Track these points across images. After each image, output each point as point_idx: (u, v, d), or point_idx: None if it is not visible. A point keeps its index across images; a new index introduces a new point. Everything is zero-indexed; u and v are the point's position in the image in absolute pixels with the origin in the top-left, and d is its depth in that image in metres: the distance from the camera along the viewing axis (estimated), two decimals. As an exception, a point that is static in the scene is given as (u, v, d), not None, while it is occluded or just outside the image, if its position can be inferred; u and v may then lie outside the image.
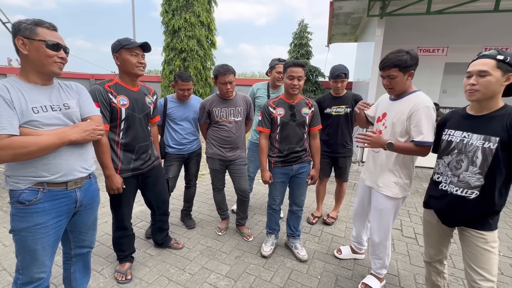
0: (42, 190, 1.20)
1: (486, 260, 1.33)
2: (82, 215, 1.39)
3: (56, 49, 1.20)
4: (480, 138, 1.27)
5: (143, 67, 1.76)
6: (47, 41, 1.17)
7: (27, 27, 1.15)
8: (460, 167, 1.34)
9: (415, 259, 2.28)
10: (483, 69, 1.22)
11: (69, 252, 1.47)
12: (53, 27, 1.22)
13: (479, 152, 1.27)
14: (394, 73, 1.57)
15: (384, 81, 1.65)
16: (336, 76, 2.45)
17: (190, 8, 9.19)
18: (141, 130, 1.84)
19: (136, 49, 1.69)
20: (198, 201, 3.31)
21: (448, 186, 1.39)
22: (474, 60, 1.29)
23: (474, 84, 1.24)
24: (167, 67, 9.66)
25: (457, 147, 1.36)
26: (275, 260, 2.23)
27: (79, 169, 1.29)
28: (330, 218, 2.86)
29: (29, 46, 1.16)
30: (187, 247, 2.38)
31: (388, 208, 1.75)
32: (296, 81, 1.94)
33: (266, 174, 2.10)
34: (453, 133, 1.39)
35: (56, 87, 1.29)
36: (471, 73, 1.26)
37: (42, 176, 1.19)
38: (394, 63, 1.55)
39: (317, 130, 2.14)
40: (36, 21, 1.18)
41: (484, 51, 1.27)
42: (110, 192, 1.76)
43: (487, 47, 5.65)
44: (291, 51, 8.84)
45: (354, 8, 5.70)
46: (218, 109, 2.30)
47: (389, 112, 1.71)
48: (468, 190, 1.31)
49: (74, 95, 1.34)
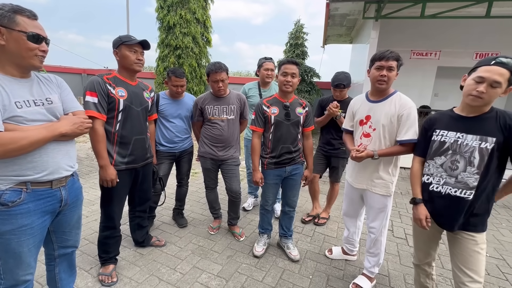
0: (26, 190, 1.14)
1: (475, 261, 1.34)
2: (66, 214, 1.34)
3: (38, 41, 1.12)
4: (476, 139, 1.28)
5: (141, 63, 1.78)
6: (28, 33, 1.08)
7: (5, 15, 1.05)
8: (457, 168, 1.34)
9: (405, 259, 2.31)
10: (498, 80, 1.18)
11: (52, 253, 1.40)
12: (33, 16, 1.13)
13: (476, 153, 1.28)
14: (394, 65, 1.63)
15: (383, 71, 1.63)
16: (336, 86, 2.48)
17: (186, 5, 9.07)
18: (138, 124, 1.82)
19: (136, 46, 1.71)
20: (190, 199, 3.28)
21: (441, 187, 1.39)
22: (489, 64, 1.21)
23: (484, 92, 1.21)
24: (161, 64, 9.52)
25: (451, 148, 1.36)
26: (267, 260, 2.22)
27: (65, 167, 1.25)
28: (321, 218, 2.87)
29: (6, 36, 1.06)
30: (178, 246, 2.36)
31: (386, 205, 1.80)
32: (289, 77, 1.94)
33: (257, 175, 2.08)
34: (446, 134, 1.38)
35: (36, 80, 1.22)
36: (484, 80, 1.21)
37: (26, 175, 1.13)
38: (397, 57, 1.63)
39: (310, 130, 2.14)
40: (15, 8, 1.08)
41: (501, 57, 1.20)
42: (103, 185, 1.73)
43: (478, 52, 5.78)
44: (287, 51, 8.82)
45: (350, 10, 5.74)
46: (210, 106, 2.28)
47: (374, 114, 1.73)
48: (467, 191, 1.32)
49: (55, 89, 1.28)
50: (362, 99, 1.84)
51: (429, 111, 5.32)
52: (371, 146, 1.73)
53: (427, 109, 5.38)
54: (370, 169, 1.78)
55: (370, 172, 1.78)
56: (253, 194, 3.20)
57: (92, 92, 1.61)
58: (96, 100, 1.62)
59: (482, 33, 5.64)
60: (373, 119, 1.73)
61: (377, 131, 1.71)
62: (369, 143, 1.75)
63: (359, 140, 1.82)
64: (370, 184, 1.80)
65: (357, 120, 1.83)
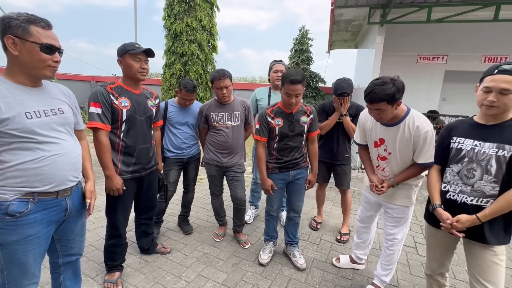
0: (33, 201, 1.14)
1: (494, 273, 1.30)
2: (70, 222, 1.33)
3: (51, 52, 1.12)
4: (493, 147, 1.25)
5: (145, 72, 1.77)
6: (41, 44, 1.08)
7: (19, 25, 1.04)
8: (473, 176, 1.30)
9: (415, 269, 2.25)
10: (506, 87, 1.17)
11: (56, 262, 1.40)
12: (48, 26, 1.13)
13: (493, 161, 1.25)
14: (382, 106, 1.47)
15: (372, 113, 1.56)
16: (339, 94, 2.38)
17: (192, 13, 9.24)
18: (142, 133, 1.83)
19: (140, 54, 1.71)
20: (196, 206, 3.28)
21: (457, 196, 1.35)
22: (493, 73, 1.21)
23: (495, 101, 1.20)
24: (168, 71, 9.67)
25: (467, 155, 1.32)
26: (273, 268, 2.19)
27: (71, 178, 1.25)
28: (344, 235, 2.66)
29: (20, 47, 1.06)
30: (183, 253, 2.34)
31: (409, 215, 1.78)
32: (293, 98, 1.87)
33: (267, 182, 2.05)
34: (463, 141, 1.36)
35: (47, 89, 1.23)
36: (491, 89, 1.21)
37: (33, 186, 1.13)
38: (382, 98, 1.44)
39: (315, 135, 2.12)
40: (30, 18, 1.07)
41: (503, 64, 1.20)
42: (109, 193, 1.74)
43: (486, 56, 5.70)
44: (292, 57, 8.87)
45: (355, 16, 5.74)
46: (215, 113, 2.29)
47: (388, 138, 1.65)
48: (484, 199, 1.28)
49: (65, 99, 1.30)
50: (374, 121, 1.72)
51: (437, 115, 5.23)
52: (389, 168, 1.72)
53: (435, 114, 5.29)
54: None
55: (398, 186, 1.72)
56: (254, 205, 3.12)
57: (96, 103, 1.63)
58: (100, 111, 1.63)
59: (491, 37, 5.57)
60: (387, 143, 1.66)
61: (393, 154, 1.66)
62: (386, 165, 1.73)
63: (376, 161, 1.78)
64: (390, 198, 1.76)
65: (371, 141, 1.77)
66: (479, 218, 1.26)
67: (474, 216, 1.27)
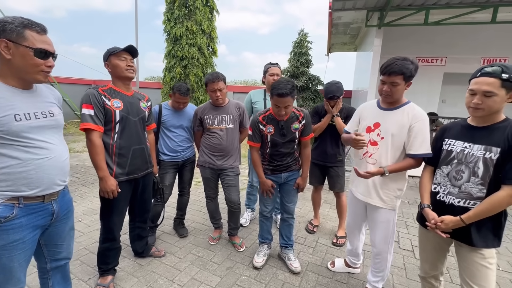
0: (18, 205, 1.12)
1: (483, 276, 1.29)
2: (57, 226, 1.31)
3: (45, 57, 1.12)
4: (481, 149, 1.25)
5: (132, 69, 1.79)
6: (35, 49, 1.08)
7: (14, 29, 1.04)
8: (461, 178, 1.31)
9: (411, 273, 2.22)
10: (488, 89, 1.18)
11: (44, 267, 1.37)
12: (43, 30, 1.13)
13: (480, 163, 1.25)
14: (398, 80, 1.50)
15: (385, 86, 1.56)
16: (330, 98, 2.39)
17: (192, 17, 9.31)
18: (136, 133, 1.83)
19: (123, 53, 1.74)
20: (192, 209, 3.27)
21: (445, 197, 1.36)
22: (476, 76, 1.23)
23: (479, 103, 1.21)
24: (168, 74, 9.72)
25: (457, 157, 1.33)
26: (267, 272, 2.17)
27: (59, 182, 1.24)
28: (340, 238, 2.63)
29: (13, 51, 1.06)
30: (178, 256, 2.33)
31: (390, 220, 1.71)
32: (283, 110, 1.85)
33: (267, 183, 2.06)
34: (453, 143, 1.37)
35: (37, 92, 1.22)
36: (475, 92, 1.22)
37: (20, 190, 1.11)
38: (401, 70, 1.48)
39: (308, 139, 2.10)
40: (25, 23, 1.07)
41: (486, 67, 1.21)
42: (104, 196, 1.72)
43: (485, 58, 5.68)
44: (291, 60, 8.88)
45: (353, 18, 5.76)
46: (209, 116, 2.29)
47: (384, 122, 1.65)
48: (471, 201, 1.28)
49: (55, 101, 1.30)
50: (373, 105, 1.75)
51: (437, 117, 5.21)
52: (377, 155, 1.67)
53: (435, 116, 5.27)
54: (377, 181, 1.69)
55: (374, 184, 1.70)
56: (250, 208, 3.10)
57: (88, 104, 1.63)
58: (92, 112, 1.63)
59: (490, 39, 5.56)
60: (382, 127, 1.64)
61: (385, 140, 1.63)
62: (375, 151, 1.67)
63: (365, 148, 1.74)
64: (373, 197, 1.72)
65: (364, 126, 1.75)
66: (463, 220, 1.26)
67: (458, 218, 1.27)
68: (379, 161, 1.66)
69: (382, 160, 1.64)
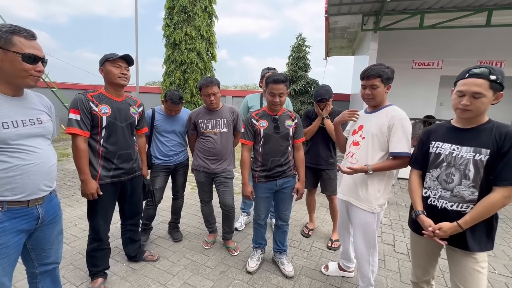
0: (1, 210, 1.12)
1: (475, 281, 1.27)
2: (44, 231, 1.31)
3: (33, 62, 1.14)
4: (470, 151, 1.25)
5: (125, 77, 1.82)
6: (23, 54, 1.10)
7: (2, 36, 1.07)
8: (452, 181, 1.29)
9: (406, 276, 2.20)
10: (477, 90, 1.18)
11: (33, 271, 1.37)
12: (32, 36, 1.15)
13: (470, 165, 1.24)
14: (376, 82, 1.60)
15: (366, 91, 1.66)
16: (318, 100, 2.43)
17: (191, 22, 9.42)
18: (123, 139, 1.86)
19: (119, 61, 1.78)
20: (188, 213, 3.27)
21: (437, 201, 1.34)
22: (464, 77, 1.24)
23: (468, 104, 1.21)
24: (167, 79, 9.81)
25: (446, 160, 1.32)
26: (260, 276, 2.16)
27: (44, 188, 1.25)
28: (334, 242, 2.62)
29: (2, 57, 1.08)
30: (171, 261, 2.32)
31: (369, 222, 1.69)
32: (277, 98, 1.92)
33: (247, 188, 2.06)
34: (441, 146, 1.35)
35: (27, 99, 1.25)
36: (464, 93, 1.23)
37: (3, 195, 1.12)
38: (378, 73, 1.59)
39: (300, 142, 2.12)
40: (13, 29, 1.10)
41: (474, 68, 1.22)
42: (85, 197, 1.76)
43: (482, 60, 5.70)
44: (289, 64, 8.92)
45: (349, 23, 5.82)
46: (203, 120, 2.30)
47: (366, 124, 1.72)
48: (464, 205, 1.27)
49: (45, 109, 1.33)
50: (361, 112, 1.83)
51: (434, 120, 5.21)
52: (358, 154, 1.70)
53: (431, 119, 5.28)
54: (358, 180, 1.72)
55: (356, 183, 1.72)
56: (246, 212, 3.10)
57: (75, 109, 1.68)
58: (78, 117, 1.67)
59: (486, 42, 5.59)
60: (365, 128, 1.71)
61: (366, 139, 1.68)
62: (356, 151, 1.72)
63: (348, 148, 1.82)
64: (353, 196, 1.74)
65: (351, 130, 1.83)
66: (460, 225, 1.24)
67: (455, 223, 1.25)
68: (360, 161, 1.69)
69: (363, 160, 1.67)
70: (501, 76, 1.18)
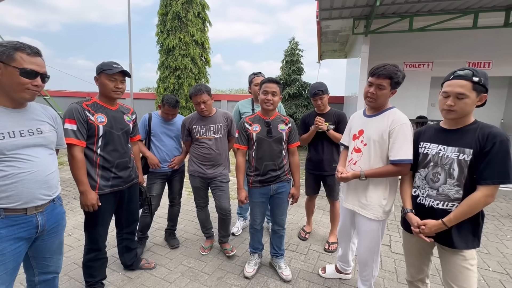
0: None
1: (465, 278, 1.31)
2: (46, 240, 1.32)
3: (31, 77, 1.17)
4: (455, 151, 1.29)
5: (120, 91, 1.81)
6: (21, 69, 1.14)
7: (5, 52, 1.13)
8: (438, 180, 1.34)
9: (402, 276, 2.22)
10: (461, 91, 1.23)
11: (32, 280, 1.37)
12: (35, 53, 1.19)
13: (455, 164, 1.29)
14: (385, 83, 1.52)
15: (371, 89, 1.57)
16: (314, 94, 2.44)
17: (185, 28, 9.47)
18: (120, 147, 1.85)
19: (115, 74, 1.75)
20: (184, 219, 3.25)
21: (425, 200, 1.39)
22: (449, 79, 1.28)
23: (452, 105, 1.26)
24: (161, 85, 9.80)
25: (433, 160, 1.37)
26: (258, 281, 2.16)
27: (41, 196, 1.25)
28: (331, 244, 2.63)
29: (2, 71, 1.13)
30: (168, 268, 2.31)
31: (375, 230, 1.69)
32: (270, 96, 1.94)
33: (242, 193, 2.06)
34: (428, 146, 1.41)
35: (29, 111, 1.27)
36: (448, 94, 1.27)
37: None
38: (390, 74, 1.51)
39: (295, 146, 2.13)
40: (18, 46, 1.15)
41: (459, 70, 1.27)
42: (84, 209, 1.73)
43: (470, 61, 5.83)
44: (283, 68, 9.01)
45: (341, 27, 5.91)
46: (197, 126, 2.31)
47: (367, 129, 1.67)
48: (449, 203, 1.31)
49: (48, 120, 1.34)
50: (360, 114, 1.79)
51: (426, 121, 5.30)
52: (361, 162, 1.67)
53: (424, 119, 5.36)
54: (360, 188, 1.70)
55: (360, 192, 1.70)
56: (242, 216, 3.09)
57: (71, 119, 1.66)
58: (75, 127, 1.65)
59: (474, 43, 5.73)
60: (365, 134, 1.66)
61: (368, 146, 1.64)
62: (359, 158, 1.69)
63: (350, 155, 1.77)
64: (357, 205, 1.72)
65: (351, 134, 1.79)
66: (445, 223, 1.28)
67: (440, 221, 1.29)
68: (363, 168, 1.65)
69: (366, 167, 1.64)
70: (484, 78, 1.23)
